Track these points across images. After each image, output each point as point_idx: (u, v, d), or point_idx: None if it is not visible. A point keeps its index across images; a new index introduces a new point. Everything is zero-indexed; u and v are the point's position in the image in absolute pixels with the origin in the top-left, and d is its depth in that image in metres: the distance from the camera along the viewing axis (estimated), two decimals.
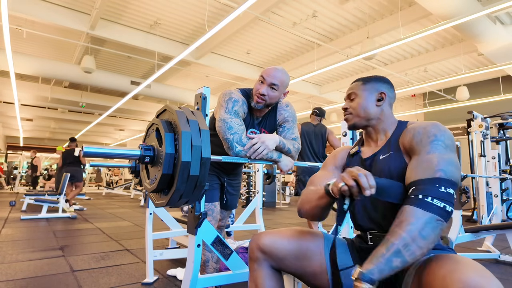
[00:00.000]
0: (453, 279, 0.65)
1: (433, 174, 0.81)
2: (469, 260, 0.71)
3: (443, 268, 0.70)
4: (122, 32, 6.15)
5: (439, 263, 0.73)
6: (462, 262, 0.70)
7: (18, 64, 6.67)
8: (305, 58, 7.34)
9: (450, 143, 0.87)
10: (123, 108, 10.36)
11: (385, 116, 1.05)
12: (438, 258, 0.76)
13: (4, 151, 18.78)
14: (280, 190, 9.05)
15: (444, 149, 0.85)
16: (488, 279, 0.63)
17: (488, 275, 0.64)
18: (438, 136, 0.87)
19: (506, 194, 4.81)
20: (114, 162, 16.09)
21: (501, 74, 7.69)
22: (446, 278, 0.66)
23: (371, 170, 1.01)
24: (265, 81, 1.45)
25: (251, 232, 3.85)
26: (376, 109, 1.04)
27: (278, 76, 1.45)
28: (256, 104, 1.48)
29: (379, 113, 1.04)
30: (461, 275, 0.64)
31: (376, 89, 1.06)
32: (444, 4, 4.31)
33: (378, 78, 1.08)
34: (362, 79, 1.09)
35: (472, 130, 4.01)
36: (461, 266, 0.68)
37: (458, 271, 0.66)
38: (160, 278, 2.10)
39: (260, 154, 1.34)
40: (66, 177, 5.57)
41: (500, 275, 2.32)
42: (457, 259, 0.72)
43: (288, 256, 0.97)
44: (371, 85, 1.06)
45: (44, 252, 2.75)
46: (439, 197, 0.77)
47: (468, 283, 0.62)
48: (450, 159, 0.83)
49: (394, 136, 1.01)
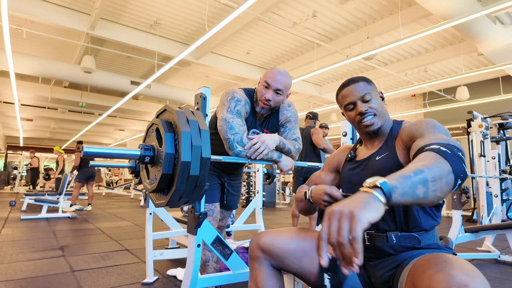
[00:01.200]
0: (439, 279, 0.64)
1: (435, 140, 0.78)
2: (457, 259, 0.70)
3: (430, 268, 0.69)
4: (122, 32, 6.15)
5: (428, 262, 0.73)
6: (449, 261, 0.69)
7: (18, 64, 6.67)
8: (305, 58, 7.34)
9: (448, 132, 0.87)
10: (123, 108, 10.36)
11: (387, 115, 1.05)
12: (428, 257, 0.76)
13: (4, 151, 18.78)
14: (280, 190, 9.05)
15: (445, 134, 0.84)
16: (474, 278, 0.62)
17: (474, 274, 0.63)
18: (435, 127, 0.87)
19: (506, 194, 4.81)
20: (114, 162, 16.09)
21: (501, 74, 7.69)
22: (432, 277, 0.66)
23: (365, 171, 1.01)
24: (270, 87, 1.44)
25: (251, 232, 3.85)
26: (384, 109, 1.04)
27: (282, 80, 1.44)
28: (262, 109, 1.48)
29: (386, 114, 1.04)
30: (446, 274, 0.64)
31: (376, 89, 1.06)
32: (444, 4, 4.31)
33: (367, 78, 1.07)
34: (363, 78, 1.04)
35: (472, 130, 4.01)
36: (447, 265, 0.67)
37: (444, 270, 0.65)
38: (160, 278, 2.10)
39: (261, 154, 1.34)
40: (66, 177, 5.58)
41: (500, 275, 2.32)
42: (445, 258, 0.71)
43: (288, 255, 0.97)
44: (372, 85, 1.04)
45: (44, 252, 2.75)
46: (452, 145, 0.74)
47: (453, 282, 0.61)
48: (449, 139, 0.81)
49: (390, 136, 1.01)
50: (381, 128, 1.01)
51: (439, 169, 0.67)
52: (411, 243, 0.90)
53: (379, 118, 1.00)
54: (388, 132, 1.03)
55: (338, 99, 1.07)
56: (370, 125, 1.00)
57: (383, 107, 1.02)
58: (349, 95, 1.02)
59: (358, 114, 1.00)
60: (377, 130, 1.00)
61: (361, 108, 0.99)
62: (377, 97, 1.02)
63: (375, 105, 1.00)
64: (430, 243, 0.91)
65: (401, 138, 0.96)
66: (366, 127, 1.00)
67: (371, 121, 0.99)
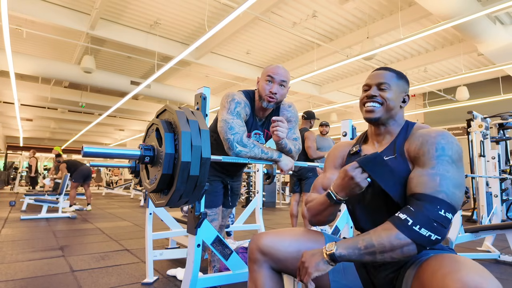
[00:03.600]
0: (453, 279, 0.65)
1: (436, 193, 0.79)
2: (468, 260, 0.71)
3: (442, 268, 0.70)
4: (122, 32, 6.15)
5: (439, 263, 0.73)
6: (461, 262, 0.70)
7: (18, 64, 6.67)
8: (305, 58, 7.33)
9: (457, 157, 0.84)
10: (123, 108, 10.36)
11: (399, 118, 1.01)
12: (438, 258, 0.76)
13: (4, 151, 18.77)
14: (280, 190, 9.05)
15: (451, 165, 0.83)
16: (487, 279, 0.63)
17: (487, 275, 0.64)
18: (446, 150, 0.84)
19: (506, 194, 4.82)
20: (114, 162, 16.08)
21: (501, 74, 7.69)
22: (445, 278, 0.66)
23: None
24: (274, 80, 1.46)
25: (251, 232, 3.85)
26: (398, 110, 1.00)
27: (284, 73, 1.48)
28: (268, 104, 1.48)
29: (397, 114, 1.00)
30: (460, 275, 0.64)
31: (404, 90, 1.01)
32: (444, 4, 4.31)
33: (406, 77, 1.03)
34: (395, 71, 1.01)
35: (472, 130, 4.01)
36: (460, 266, 0.68)
37: (457, 271, 0.66)
38: (160, 278, 2.10)
39: (278, 132, 1.33)
40: (66, 177, 5.57)
41: (500, 275, 2.32)
42: (456, 259, 0.72)
43: (289, 257, 0.96)
44: (402, 84, 1.01)
45: (44, 252, 2.75)
46: (435, 219, 0.76)
47: (467, 282, 0.62)
48: (455, 179, 0.81)
49: (399, 138, 0.97)
50: (381, 121, 0.99)
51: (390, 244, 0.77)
52: None
53: (384, 109, 0.97)
54: (397, 132, 1.00)
55: (366, 79, 1.07)
56: (371, 111, 0.98)
57: (395, 104, 0.98)
58: (372, 78, 1.01)
59: (366, 96, 1.00)
60: (376, 119, 0.98)
61: (371, 92, 0.99)
62: (396, 94, 0.98)
63: (387, 95, 0.97)
64: None
65: (410, 146, 0.93)
66: (367, 112, 0.99)
67: (372, 108, 0.98)
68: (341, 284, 0.95)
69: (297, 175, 3.42)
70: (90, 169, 6.20)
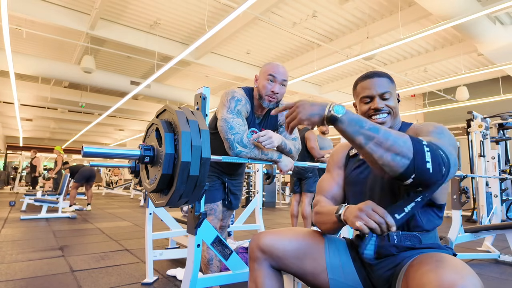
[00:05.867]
0: (430, 276, 0.64)
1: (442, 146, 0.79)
2: (450, 258, 0.70)
3: (424, 266, 0.70)
4: (122, 32, 6.15)
5: (424, 261, 0.73)
6: (442, 261, 0.69)
7: (18, 64, 6.66)
8: (305, 58, 7.34)
9: (454, 144, 0.87)
10: (123, 108, 10.36)
11: (398, 118, 1.03)
12: (425, 256, 0.76)
13: (4, 151, 18.77)
14: (280, 190, 9.05)
15: (449, 144, 0.85)
16: (464, 277, 0.62)
17: (466, 273, 0.63)
18: (445, 133, 0.88)
19: (506, 194, 4.81)
20: (114, 162, 16.07)
21: (500, 74, 7.69)
22: (424, 275, 0.66)
23: (370, 172, 1.00)
24: (275, 79, 1.46)
25: (251, 232, 3.85)
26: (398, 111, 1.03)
27: (285, 72, 1.49)
28: (269, 103, 1.48)
29: (397, 115, 1.02)
30: (438, 273, 0.64)
31: (395, 88, 1.03)
32: (444, 4, 4.31)
33: (390, 75, 1.04)
34: (386, 75, 1.02)
35: (472, 130, 4.02)
36: (441, 264, 0.67)
37: (436, 268, 0.66)
38: (160, 278, 2.10)
39: (263, 143, 1.35)
40: (65, 177, 5.57)
41: (499, 275, 2.32)
42: (439, 257, 0.71)
43: (288, 256, 0.97)
44: (394, 85, 1.02)
45: (44, 252, 2.75)
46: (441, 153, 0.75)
47: (443, 281, 0.61)
48: (454, 154, 0.82)
49: None
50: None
51: (393, 142, 0.71)
52: (412, 242, 0.90)
53: (391, 118, 0.99)
54: None
55: (356, 88, 1.04)
56: (381, 124, 0.97)
57: (397, 108, 1.01)
58: (370, 88, 0.99)
59: (372, 109, 0.99)
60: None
61: (378, 105, 0.98)
62: (395, 97, 1.01)
63: (393, 104, 0.99)
64: (431, 242, 0.92)
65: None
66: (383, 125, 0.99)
67: (383, 120, 0.98)
68: (339, 282, 0.95)
69: (296, 175, 3.42)
70: (93, 170, 6.20)
